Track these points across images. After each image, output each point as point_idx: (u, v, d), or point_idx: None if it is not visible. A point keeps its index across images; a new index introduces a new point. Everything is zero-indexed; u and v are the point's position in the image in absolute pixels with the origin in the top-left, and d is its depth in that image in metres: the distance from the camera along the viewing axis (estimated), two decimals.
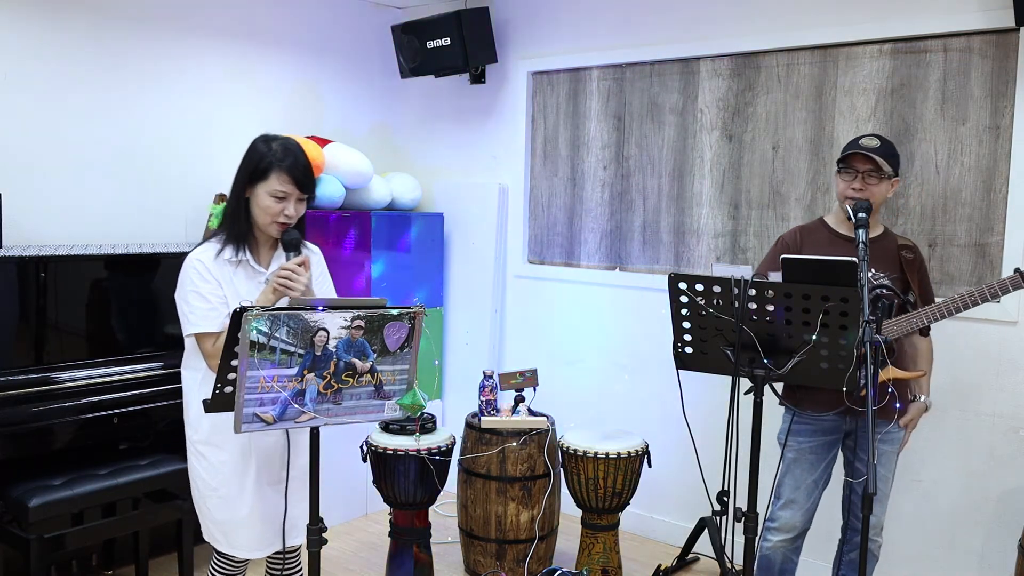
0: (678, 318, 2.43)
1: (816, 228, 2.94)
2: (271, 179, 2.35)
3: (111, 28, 3.89)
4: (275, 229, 2.40)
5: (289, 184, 2.36)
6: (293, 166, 2.36)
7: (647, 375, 4.22)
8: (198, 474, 2.48)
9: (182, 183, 4.15)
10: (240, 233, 2.42)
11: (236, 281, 2.42)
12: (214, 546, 2.51)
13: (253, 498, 2.45)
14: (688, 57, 4.05)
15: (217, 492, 2.45)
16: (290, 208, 2.38)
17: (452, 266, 4.93)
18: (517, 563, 3.65)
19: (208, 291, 2.36)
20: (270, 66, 4.52)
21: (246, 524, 2.45)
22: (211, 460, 2.45)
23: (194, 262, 2.39)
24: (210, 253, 2.40)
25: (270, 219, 2.38)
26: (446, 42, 4.49)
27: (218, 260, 2.40)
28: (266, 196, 2.36)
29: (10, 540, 3.01)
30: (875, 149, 2.75)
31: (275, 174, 2.35)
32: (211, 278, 2.37)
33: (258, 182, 2.37)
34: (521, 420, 3.66)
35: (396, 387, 2.26)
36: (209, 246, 2.43)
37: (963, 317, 3.33)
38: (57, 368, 3.29)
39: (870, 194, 2.76)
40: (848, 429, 2.89)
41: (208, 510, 2.48)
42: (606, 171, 4.40)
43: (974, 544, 3.38)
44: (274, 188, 2.35)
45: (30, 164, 3.66)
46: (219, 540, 2.48)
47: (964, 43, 3.35)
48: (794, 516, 2.89)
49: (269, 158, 2.36)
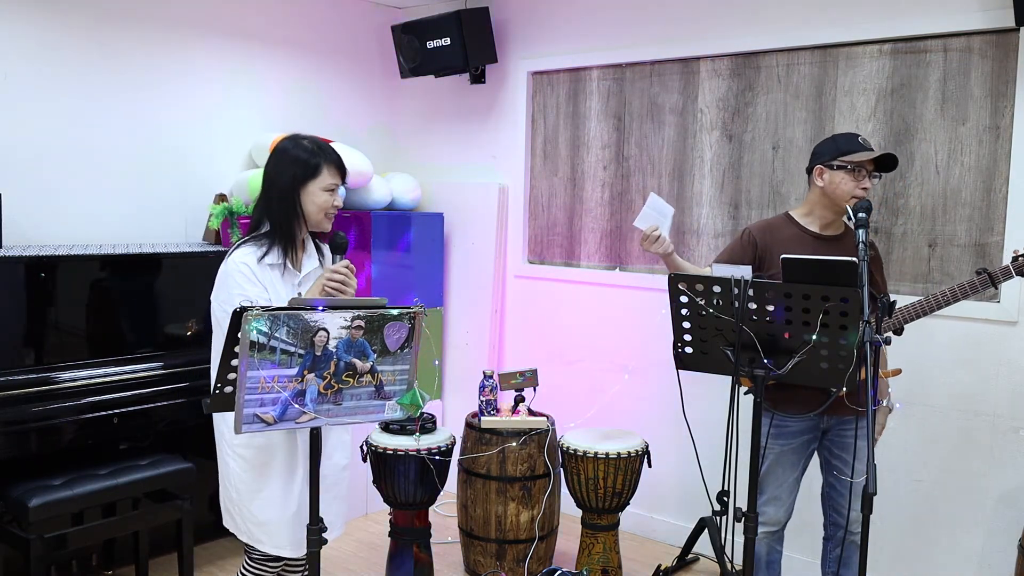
0: (678, 318, 2.43)
1: (783, 223, 2.90)
2: (323, 174, 2.45)
3: (111, 28, 3.89)
4: (328, 223, 2.49)
5: (337, 175, 2.48)
6: (337, 159, 2.50)
7: (647, 375, 4.22)
8: (238, 476, 2.45)
9: (182, 183, 4.15)
10: (293, 235, 2.46)
11: (277, 284, 2.42)
12: (257, 548, 2.48)
13: (300, 497, 2.45)
14: (688, 57, 4.05)
15: (261, 493, 2.44)
16: (338, 199, 2.50)
17: (452, 266, 4.93)
18: (517, 563, 3.65)
19: (256, 294, 2.35)
20: (270, 66, 4.52)
21: (291, 523, 2.45)
22: (252, 462, 2.43)
23: (239, 266, 2.37)
24: (253, 256, 2.40)
25: (323, 213, 2.47)
26: (446, 42, 4.49)
27: (261, 264, 2.40)
28: (320, 192, 2.45)
29: (10, 540, 3.01)
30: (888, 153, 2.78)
31: (326, 168, 2.45)
32: (257, 282, 2.37)
33: (310, 180, 2.44)
34: (521, 420, 3.66)
35: (396, 387, 2.26)
36: (250, 249, 2.41)
37: (963, 317, 3.34)
38: (57, 368, 3.29)
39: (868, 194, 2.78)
40: (825, 427, 2.92)
41: (251, 513, 2.45)
42: (606, 171, 4.40)
43: (974, 544, 3.38)
44: (327, 182, 2.45)
45: (30, 164, 3.66)
46: (263, 541, 2.46)
47: (964, 43, 3.35)
48: (777, 511, 2.93)
49: (318, 156, 2.46)
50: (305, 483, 2.44)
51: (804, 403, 2.75)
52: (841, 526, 2.91)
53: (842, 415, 2.85)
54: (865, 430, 2.87)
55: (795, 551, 3.28)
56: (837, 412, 2.81)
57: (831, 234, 2.87)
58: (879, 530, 3.51)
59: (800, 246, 2.80)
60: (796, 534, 3.15)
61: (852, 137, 2.81)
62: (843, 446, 2.89)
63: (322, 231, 2.54)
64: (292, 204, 2.44)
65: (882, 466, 3.36)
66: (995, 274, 2.77)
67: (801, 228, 2.88)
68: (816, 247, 2.81)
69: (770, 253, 2.83)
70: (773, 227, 2.91)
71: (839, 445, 2.90)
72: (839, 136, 2.84)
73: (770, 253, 2.83)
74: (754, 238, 2.89)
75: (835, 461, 2.92)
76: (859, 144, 2.77)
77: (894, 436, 3.50)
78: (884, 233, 3.56)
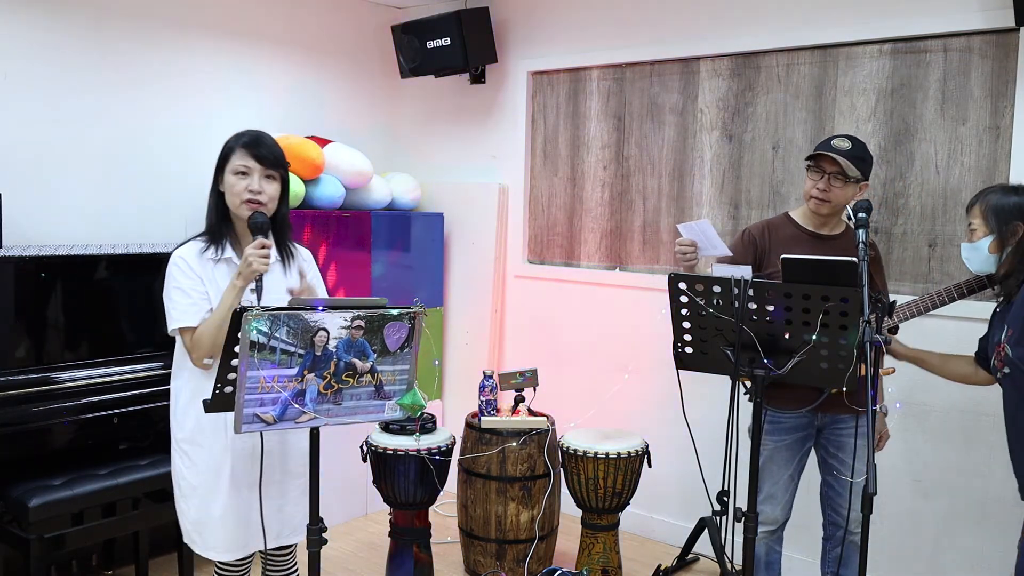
0: (678, 318, 2.43)
1: (782, 223, 2.94)
2: (232, 159, 2.40)
3: (111, 28, 3.89)
4: (245, 209, 2.39)
5: (248, 158, 2.38)
6: (250, 142, 2.40)
7: (647, 375, 4.22)
8: (181, 473, 2.46)
9: (182, 183, 4.15)
10: (216, 227, 2.44)
11: (218, 278, 2.42)
12: (191, 548, 2.49)
13: (227, 498, 2.42)
14: (688, 57, 4.05)
15: (196, 492, 2.43)
16: (255, 183, 2.37)
17: (452, 266, 4.93)
18: (517, 563, 3.65)
19: (189, 286, 2.37)
20: (270, 66, 4.52)
21: (220, 524, 2.42)
22: (193, 459, 2.43)
23: (176, 259, 2.41)
24: (193, 250, 2.43)
25: (238, 199, 2.38)
26: (446, 42, 4.49)
27: (202, 258, 2.42)
28: (231, 176, 2.39)
29: (10, 540, 3.01)
30: (845, 152, 2.76)
31: (235, 153, 2.40)
32: (192, 274, 2.39)
33: (224, 167, 2.42)
34: (521, 420, 3.66)
35: (396, 387, 2.26)
36: (193, 244, 2.45)
37: (963, 317, 3.34)
38: (57, 368, 3.29)
39: (833, 196, 2.78)
40: (820, 425, 2.92)
41: (186, 509, 2.46)
42: (606, 171, 4.40)
43: (974, 544, 3.38)
44: (235, 165, 2.39)
45: (30, 164, 3.66)
46: (195, 541, 2.46)
47: (964, 43, 3.35)
48: (774, 510, 2.93)
49: (230, 142, 2.43)
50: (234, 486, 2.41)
51: (798, 399, 2.75)
52: (840, 526, 2.91)
53: (837, 413, 2.85)
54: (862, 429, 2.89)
55: (795, 551, 3.28)
56: (832, 410, 2.82)
57: (829, 233, 2.89)
58: (879, 530, 3.51)
59: (799, 245, 2.82)
60: (796, 534, 3.15)
61: (828, 139, 2.84)
62: (839, 445, 2.89)
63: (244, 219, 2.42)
64: (215, 195, 2.45)
65: (882, 466, 3.36)
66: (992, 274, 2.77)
67: (800, 228, 2.89)
68: (815, 246, 2.82)
69: (769, 253, 2.85)
70: (772, 227, 2.93)
71: (835, 444, 2.91)
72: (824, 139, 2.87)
73: (769, 253, 2.85)
74: (754, 238, 2.91)
75: (831, 460, 2.92)
76: (828, 146, 2.80)
77: (894, 436, 3.49)
78: (884, 233, 3.56)
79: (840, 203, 2.79)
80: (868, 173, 2.84)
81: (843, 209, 2.85)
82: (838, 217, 2.89)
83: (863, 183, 2.81)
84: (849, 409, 2.78)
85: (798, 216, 2.93)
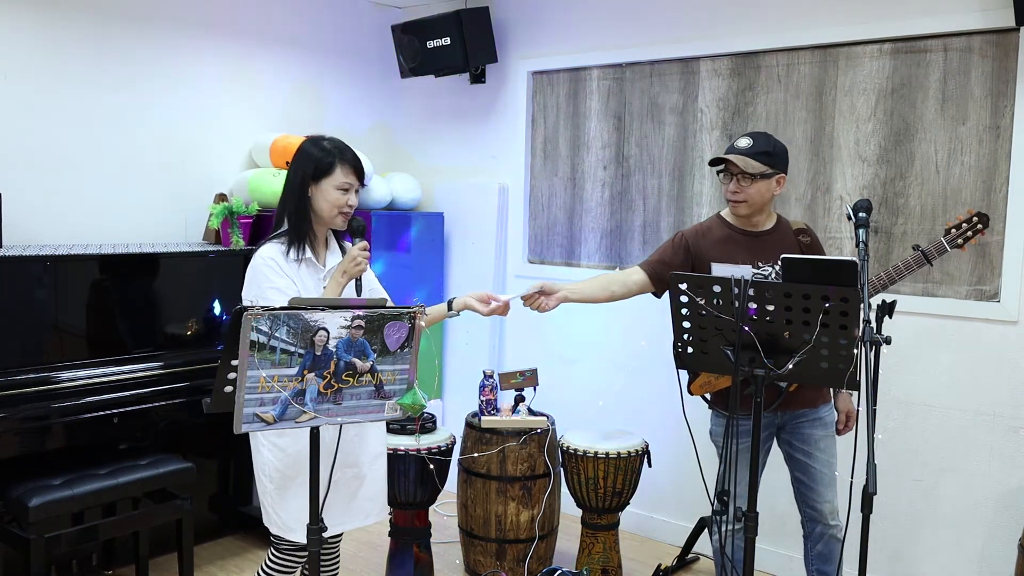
0: (678, 318, 2.43)
1: (715, 225, 2.99)
2: (336, 173, 2.51)
3: (111, 28, 3.89)
4: (341, 220, 2.55)
5: (352, 175, 2.54)
6: (354, 159, 2.57)
7: (647, 375, 4.22)
8: (273, 467, 2.50)
9: (182, 183, 4.15)
10: (303, 231, 2.54)
11: (303, 278, 2.51)
12: (287, 538, 2.53)
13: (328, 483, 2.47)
14: (688, 57, 4.05)
15: (296, 480, 2.48)
16: (352, 198, 2.56)
17: (452, 266, 4.93)
18: (517, 563, 3.65)
19: (284, 286, 2.44)
20: (270, 66, 4.52)
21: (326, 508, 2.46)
22: (288, 451, 2.49)
23: (267, 260, 2.47)
24: (278, 251, 2.50)
25: (336, 211, 2.53)
26: (446, 42, 4.49)
27: (287, 259, 2.50)
28: (332, 190, 2.52)
29: (10, 540, 3.01)
30: (745, 150, 2.79)
31: (340, 167, 2.52)
32: (284, 274, 2.47)
33: (323, 178, 2.51)
34: (521, 420, 3.66)
35: (396, 387, 2.25)
36: (275, 245, 2.51)
37: (963, 317, 3.35)
38: (57, 368, 3.29)
39: (748, 195, 2.82)
40: (780, 423, 2.95)
41: (285, 501, 2.51)
42: (606, 171, 4.40)
43: (974, 544, 3.38)
44: (340, 181, 2.52)
45: (30, 164, 3.66)
46: (294, 530, 2.50)
47: (964, 43, 3.34)
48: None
49: (332, 155, 2.53)
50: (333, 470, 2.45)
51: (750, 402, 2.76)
52: (817, 520, 2.94)
53: (794, 409, 2.90)
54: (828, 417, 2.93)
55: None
56: (789, 407, 2.88)
57: (760, 230, 2.94)
58: (879, 530, 3.51)
59: (733, 244, 2.90)
60: (791, 532, 3.14)
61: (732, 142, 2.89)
62: (803, 438, 2.94)
63: (336, 229, 2.62)
64: (303, 201, 2.53)
65: (882, 466, 3.35)
66: (928, 251, 2.84)
67: (732, 228, 2.95)
68: (747, 243, 2.89)
69: (702, 257, 2.91)
70: (705, 230, 2.99)
71: (799, 437, 2.94)
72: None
73: (702, 257, 2.91)
74: (687, 241, 2.97)
75: (798, 455, 2.95)
76: (729, 148, 2.85)
77: (894, 436, 3.50)
78: (884, 233, 3.56)
79: (758, 200, 2.83)
80: (781, 163, 2.85)
81: (768, 204, 2.89)
82: (767, 212, 2.93)
83: (779, 175, 2.84)
84: (805, 402, 2.85)
85: (729, 216, 2.97)
